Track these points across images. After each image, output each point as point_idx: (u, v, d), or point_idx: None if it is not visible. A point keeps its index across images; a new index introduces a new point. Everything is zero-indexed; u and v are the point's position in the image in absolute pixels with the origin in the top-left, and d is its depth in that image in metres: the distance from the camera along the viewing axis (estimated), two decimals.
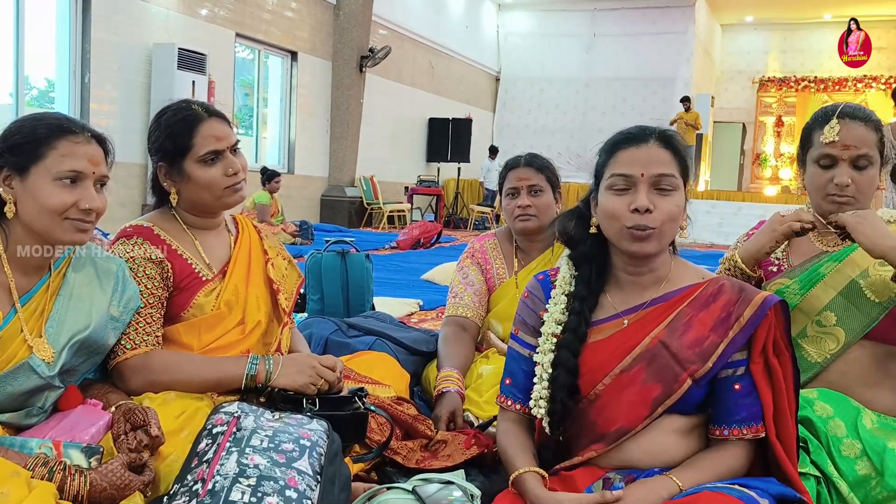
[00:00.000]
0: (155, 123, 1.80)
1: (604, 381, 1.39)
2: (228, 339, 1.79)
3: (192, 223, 1.83)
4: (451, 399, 2.15)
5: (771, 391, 1.37)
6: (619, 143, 1.43)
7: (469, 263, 2.58)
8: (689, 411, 1.39)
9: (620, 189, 1.39)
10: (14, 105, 7.68)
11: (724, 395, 1.38)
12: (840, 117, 1.75)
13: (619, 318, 1.44)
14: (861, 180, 1.74)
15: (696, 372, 1.36)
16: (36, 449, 1.33)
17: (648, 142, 1.41)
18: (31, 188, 1.44)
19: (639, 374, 1.38)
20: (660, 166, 1.38)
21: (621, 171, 1.39)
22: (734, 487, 1.25)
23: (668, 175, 1.38)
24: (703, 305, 1.40)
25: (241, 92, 11.72)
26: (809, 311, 1.77)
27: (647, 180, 1.37)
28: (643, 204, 1.36)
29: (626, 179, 1.39)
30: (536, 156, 2.53)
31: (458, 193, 14.61)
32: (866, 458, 1.60)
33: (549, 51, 17.59)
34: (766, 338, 1.37)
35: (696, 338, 1.37)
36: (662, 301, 1.43)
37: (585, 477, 1.37)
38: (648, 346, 1.39)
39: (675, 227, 1.41)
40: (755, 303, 1.37)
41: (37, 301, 1.50)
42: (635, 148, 1.41)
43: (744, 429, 1.37)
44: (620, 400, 1.38)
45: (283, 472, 1.31)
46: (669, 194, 1.38)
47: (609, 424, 1.39)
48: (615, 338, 1.42)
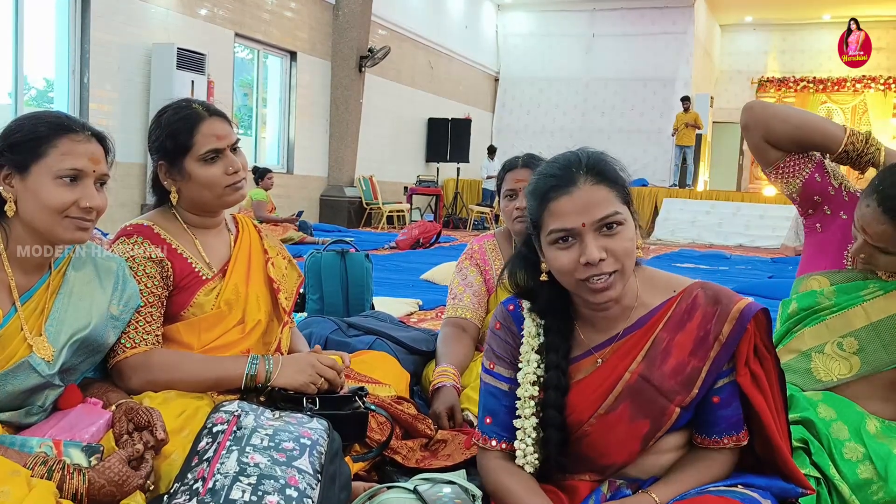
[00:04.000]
0: (155, 122, 1.80)
1: (590, 422, 1.35)
2: (228, 338, 1.78)
3: (192, 222, 1.83)
4: (448, 393, 2.15)
5: (762, 396, 1.34)
6: (549, 193, 1.31)
7: (468, 265, 2.57)
8: (682, 428, 1.37)
9: (565, 243, 1.29)
10: (13, 105, 7.68)
11: (703, 409, 1.35)
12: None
13: (592, 356, 1.37)
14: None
15: (683, 401, 1.32)
16: (36, 448, 1.33)
17: (578, 184, 1.29)
18: (31, 187, 1.44)
19: (624, 413, 1.33)
20: (599, 209, 1.28)
21: (560, 225, 1.29)
22: (737, 490, 1.24)
23: (610, 215, 1.28)
24: (678, 326, 1.34)
25: (241, 92, 11.72)
26: (836, 329, 1.74)
27: (590, 228, 1.27)
28: (593, 257, 1.26)
29: (567, 232, 1.28)
30: (534, 157, 2.52)
31: (457, 193, 14.62)
32: (869, 462, 1.59)
33: (549, 51, 17.60)
34: (749, 349, 1.33)
35: (676, 365, 1.32)
36: (635, 329, 1.36)
37: (586, 484, 1.37)
38: (629, 382, 1.33)
39: (633, 259, 1.32)
40: (732, 317, 1.31)
41: (37, 300, 1.49)
42: (567, 197, 1.29)
43: (724, 438, 1.34)
44: (609, 439, 1.35)
45: (284, 471, 1.31)
46: (618, 231, 1.29)
47: (602, 458, 1.36)
48: (593, 377, 1.36)
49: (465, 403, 2.19)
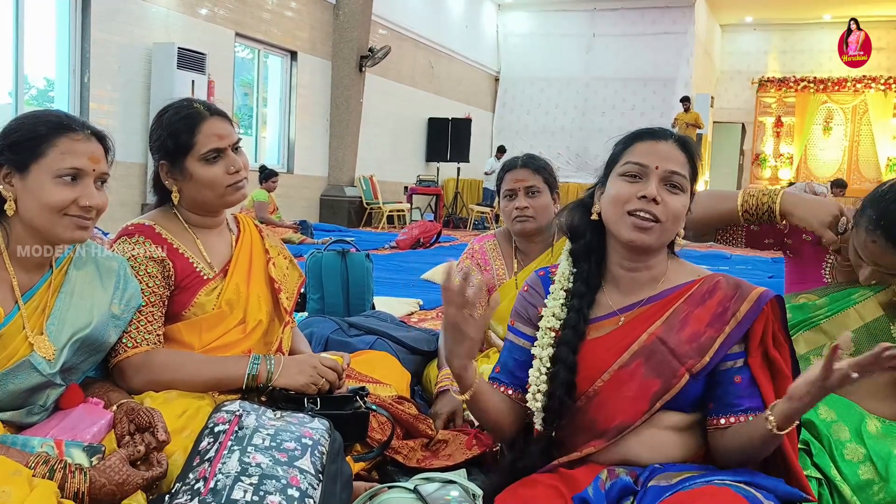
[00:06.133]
0: (156, 122, 1.80)
1: (602, 378, 1.40)
2: (229, 338, 1.78)
3: (193, 222, 1.83)
4: (451, 398, 2.15)
5: (772, 383, 1.38)
6: (639, 136, 1.46)
7: (469, 264, 2.57)
8: (686, 408, 1.40)
9: (632, 176, 1.41)
10: (13, 104, 7.68)
11: (726, 388, 1.38)
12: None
13: (615, 316, 1.45)
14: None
15: (694, 366, 1.36)
16: (38, 448, 1.32)
17: (668, 140, 1.44)
18: (31, 186, 1.44)
19: (637, 370, 1.38)
20: (675, 164, 1.41)
21: (637, 159, 1.42)
22: (741, 486, 1.24)
23: (680, 174, 1.41)
24: (699, 302, 1.41)
25: (241, 91, 11.72)
26: (832, 332, 1.76)
27: (659, 174, 1.40)
28: (652, 192, 1.38)
29: (640, 168, 1.41)
30: (534, 157, 2.52)
31: (457, 193, 14.61)
32: (870, 463, 1.59)
33: (549, 51, 17.59)
34: (765, 331, 1.38)
35: (692, 333, 1.38)
36: (659, 299, 1.43)
37: (587, 474, 1.37)
38: (646, 343, 1.39)
39: (677, 228, 1.42)
40: (751, 298, 1.39)
41: (38, 298, 1.49)
42: (654, 142, 1.44)
43: (750, 416, 1.36)
44: (619, 395, 1.39)
45: (285, 471, 1.31)
46: (677, 193, 1.40)
47: (608, 420, 1.39)
48: (613, 335, 1.43)
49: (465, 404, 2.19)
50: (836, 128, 17.92)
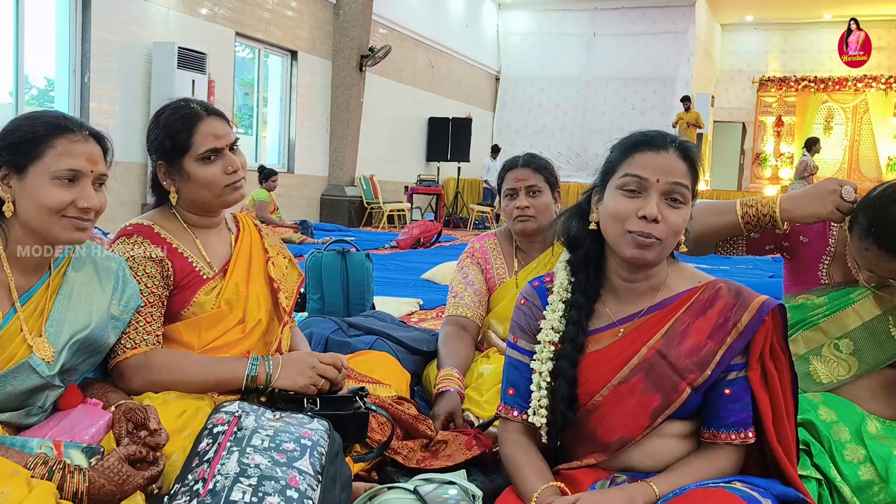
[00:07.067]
0: (154, 122, 1.79)
1: (602, 392, 1.38)
2: (229, 337, 1.78)
3: (192, 222, 1.83)
4: (451, 398, 2.14)
5: (769, 397, 1.37)
6: (638, 145, 1.39)
7: (469, 263, 2.57)
8: (688, 416, 1.39)
9: (631, 191, 1.35)
10: (13, 104, 7.67)
11: (714, 400, 1.37)
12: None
13: (615, 328, 1.42)
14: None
15: (695, 381, 1.35)
16: (36, 449, 1.32)
17: (668, 149, 1.37)
18: (29, 187, 1.44)
19: (637, 385, 1.37)
20: (676, 175, 1.35)
21: (636, 172, 1.35)
22: (736, 486, 1.24)
23: (682, 185, 1.35)
24: (699, 312, 1.38)
25: (241, 91, 11.72)
26: (830, 332, 1.76)
27: (660, 188, 1.34)
28: (652, 212, 1.32)
29: (639, 182, 1.35)
30: (534, 156, 2.52)
31: (457, 193, 14.61)
32: (870, 463, 1.59)
33: (549, 50, 17.58)
34: (764, 344, 1.36)
35: (693, 346, 1.36)
36: (659, 309, 1.41)
37: (588, 476, 1.37)
38: (645, 357, 1.37)
39: (677, 240, 1.38)
40: (752, 308, 1.36)
41: (37, 300, 1.49)
42: (654, 153, 1.36)
43: (732, 434, 1.36)
44: (619, 410, 1.37)
45: (285, 472, 1.30)
46: (679, 206, 1.35)
47: (609, 434, 1.38)
48: (612, 348, 1.40)
49: (465, 404, 2.19)
50: (836, 127, 17.92)
